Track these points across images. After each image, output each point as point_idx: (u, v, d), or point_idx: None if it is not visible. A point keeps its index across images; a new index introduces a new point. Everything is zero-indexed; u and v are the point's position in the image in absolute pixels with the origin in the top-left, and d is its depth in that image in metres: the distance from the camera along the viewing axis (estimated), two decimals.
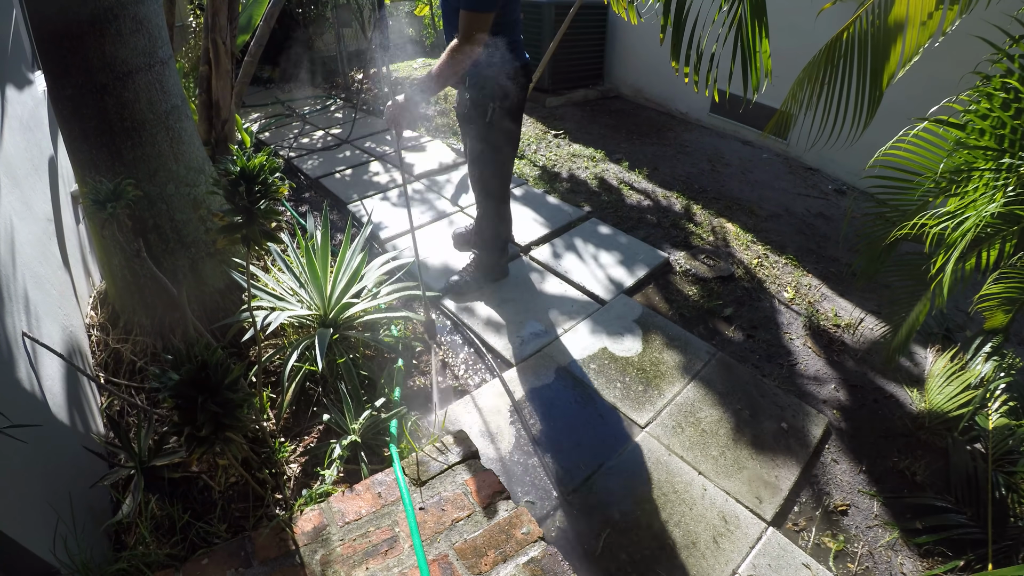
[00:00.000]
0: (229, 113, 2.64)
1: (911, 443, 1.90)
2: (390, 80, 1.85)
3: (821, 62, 1.86)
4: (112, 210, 1.40)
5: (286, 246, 2.16)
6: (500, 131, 2.03)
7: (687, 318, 2.42)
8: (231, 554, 1.40)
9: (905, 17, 1.67)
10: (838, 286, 2.69)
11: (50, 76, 1.69)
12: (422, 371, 2.11)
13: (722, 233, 3.06)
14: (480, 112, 1.98)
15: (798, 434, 1.89)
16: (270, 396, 1.86)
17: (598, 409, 1.95)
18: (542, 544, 1.46)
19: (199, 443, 1.20)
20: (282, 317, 1.84)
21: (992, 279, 1.67)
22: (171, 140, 1.86)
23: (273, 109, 4.91)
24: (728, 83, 2.02)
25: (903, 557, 1.57)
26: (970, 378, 1.85)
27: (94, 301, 2.16)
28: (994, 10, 1.61)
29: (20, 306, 1.40)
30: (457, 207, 3.22)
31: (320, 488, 1.57)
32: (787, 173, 3.83)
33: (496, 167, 2.18)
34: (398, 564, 1.39)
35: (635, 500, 1.66)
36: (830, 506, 1.70)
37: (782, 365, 2.21)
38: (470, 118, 2.05)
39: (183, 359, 1.18)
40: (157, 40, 1.78)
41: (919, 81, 2.56)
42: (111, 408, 1.84)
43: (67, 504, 1.27)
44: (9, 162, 1.65)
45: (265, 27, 2.79)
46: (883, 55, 1.74)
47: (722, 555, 1.53)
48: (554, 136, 4.33)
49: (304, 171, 3.69)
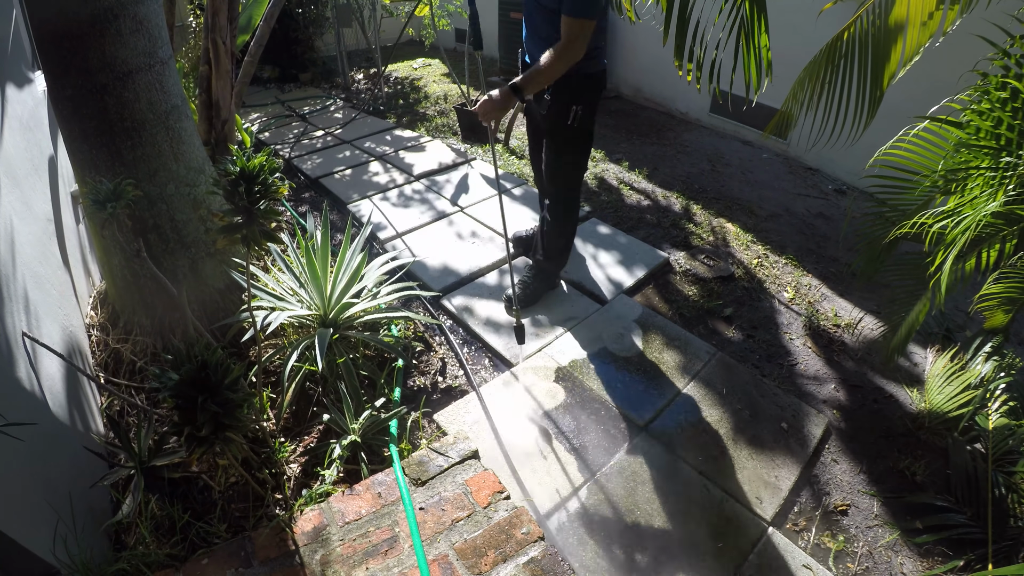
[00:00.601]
0: (229, 113, 2.64)
1: (911, 443, 1.90)
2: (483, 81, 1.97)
3: (822, 62, 1.86)
4: (112, 210, 1.40)
5: (286, 246, 2.16)
6: (582, 133, 2.06)
7: (687, 318, 2.42)
8: (231, 554, 1.40)
9: (906, 17, 1.67)
10: (838, 286, 2.69)
11: (50, 76, 1.69)
12: (422, 371, 2.11)
13: (722, 233, 3.06)
14: (562, 115, 1.99)
15: (798, 434, 1.89)
16: (270, 396, 1.86)
17: (598, 409, 1.95)
18: (542, 544, 1.46)
19: (199, 443, 1.21)
20: (282, 317, 1.84)
21: (992, 279, 1.67)
22: (171, 140, 1.86)
23: (273, 109, 4.92)
24: (730, 84, 2.02)
25: (903, 557, 1.57)
26: (970, 378, 1.85)
27: (94, 301, 2.16)
28: (994, 9, 1.61)
29: (20, 306, 1.40)
30: (457, 207, 3.22)
31: (320, 488, 1.57)
32: (787, 173, 3.83)
33: (577, 170, 2.19)
34: (398, 564, 1.39)
35: (635, 501, 1.66)
36: (830, 506, 1.70)
37: (782, 365, 2.21)
38: (550, 121, 2.05)
39: (183, 359, 1.19)
40: (157, 40, 1.78)
41: (919, 82, 2.56)
42: (111, 408, 1.84)
43: (67, 504, 1.27)
44: (9, 162, 1.65)
45: (265, 27, 2.79)
46: (884, 55, 1.74)
47: (722, 555, 1.53)
48: None
49: (304, 171, 3.70)
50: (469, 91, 4.47)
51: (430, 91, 5.42)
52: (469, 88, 4.52)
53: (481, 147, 4.11)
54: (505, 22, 5.03)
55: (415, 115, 4.80)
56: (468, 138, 4.28)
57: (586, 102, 1.99)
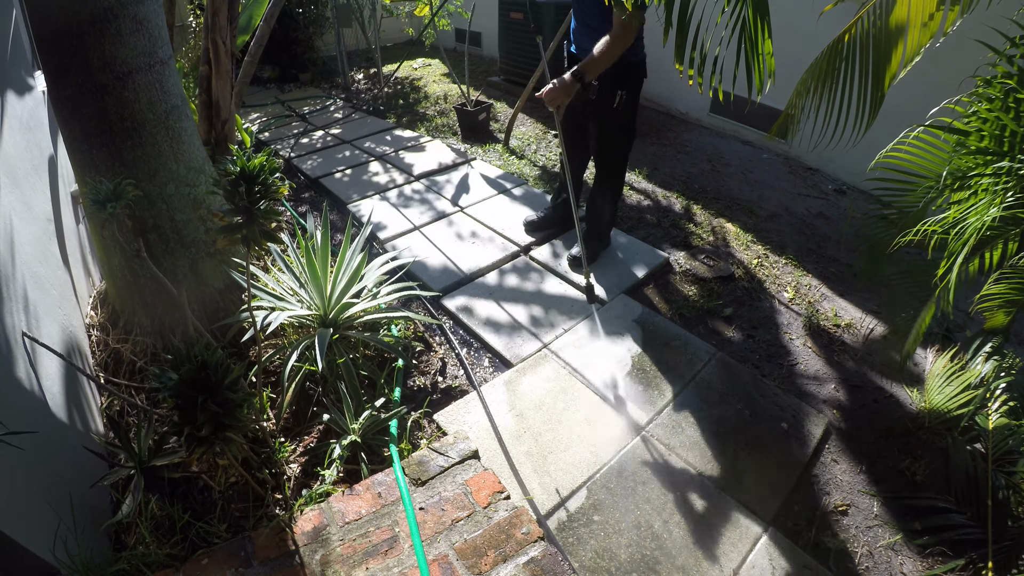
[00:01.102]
0: (229, 113, 2.64)
1: (911, 443, 1.90)
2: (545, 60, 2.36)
3: (823, 64, 1.86)
4: (112, 210, 1.40)
5: (286, 246, 2.16)
6: (627, 115, 2.34)
7: (687, 318, 2.42)
8: (231, 554, 1.40)
9: (906, 18, 1.67)
10: (838, 286, 2.69)
11: (50, 76, 1.69)
12: (422, 371, 2.11)
13: (722, 233, 3.06)
14: (608, 99, 2.25)
15: (798, 434, 1.89)
16: (270, 396, 1.86)
17: (597, 409, 1.95)
18: (542, 544, 1.46)
19: (199, 443, 1.21)
20: (282, 317, 1.83)
21: (992, 279, 1.67)
22: (171, 140, 1.86)
23: (273, 109, 4.92)
24: (732, 84, 2.02)
25: (903, 557, 1.57)
26: (970, 378, 1.85)
27: (94, 301, 2.16)
28: (994, 11, 1.61)
29: (20, 306, 1.39)
30: (457, 207, 3.22)
31: (320, 488, 1.57)
32: (787, 173, 3.83)
33: (624, 149, 2.49)
34: (398, 564, 1.39)
35: (634, 500, 1.66)
36: (830, 506, 1.70)
37: (782, 365, 2.21)
38: (598, 105, 2.29)
39: (183, 359, 1.19)
40: (157, 40, 1.78)
41: (920, 82, 2.56)
42: (111, 408, 1.84)
43: (67, 504, 1.27)
44: (9, 162, 1.65)
45: (265, 27, 2.79)
46: (884, 56, 1.74)
47: (722, 555, 1.53)
48: (554, 136, 4.33)
49: (304, 171, 3.69)
50: (469, 91, 4.47)
51: (430, 91, 5.42)
52: (469, 88, 4.51)
53: (481, 147, 4.11)
54: (505, 22, 5.03)
55: (415, 115, 4.80)
56: (468, 138, 4.28)
57: (630, 88, 2.26)
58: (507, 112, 4.78)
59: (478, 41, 6.69)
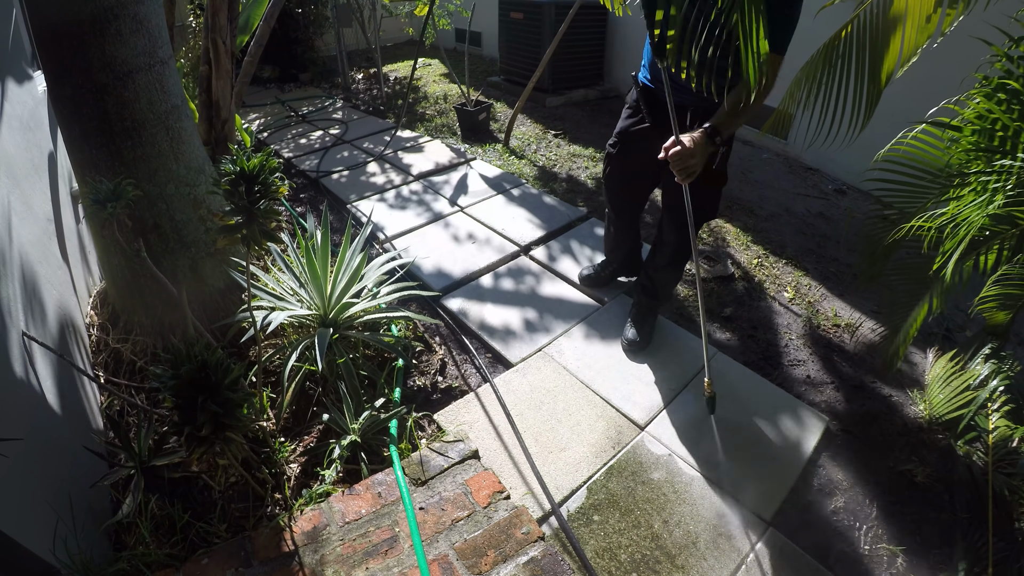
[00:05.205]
0: (229, 113, 2.65)
1: (911, 443, 1.90)
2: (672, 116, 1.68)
3: (819, 61, 1.86)
4: (112, 210, 1.40)
5: (286, 246, 2.16)
6: (720, 177, 1.92)
7: (687, 318, 2.42)
8: (231, 554, 1.40)
9: (904, 16, 1.67)
10: (838, 286, 2.69)
11: (50, 76, 1.69)
12: (422, 371, 2.11)
13: (721, 233, 3.06)
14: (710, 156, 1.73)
15: (798, 434, 1.89)
16: (270, 396, 1.86)
17: (597, 409, 1.95)
18: (542, 544, 1.46)
19: (199, 443, 1.21)
20: (282, 317, 1.84)
21: (992, 280, 1.67)
22: (171, 140, 1.86)
23: (273, 109, 4.92)
24: None
25: (903, 559, 1.57)
26: (970, 379, 1.85)
27: (94, 301, 2.16)
28: (993, 10, 1.61)
29: (20, 306, 1.40)
30: (457, 207, 3.22)
31: (320, 488, 1.57)
32: (787, 173, 3.83)
33: (703, 215, 1.98)
34: (398, 564, 1.39)
35: (634, 500, 1.66)
36: (830, 507, 1.70)
37: (782, 365, 2.21)
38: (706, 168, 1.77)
39: (183, 359, 1.19)
40: (157, 40, 1.78)
41: (920, 83, 2.56)
42: (111, 408, 1.84)
43: (67, 504, 1.27)
44: (9, 162, 1.65)
45: (265, 27, 2.79)
46: (882, 54, 1.74)
47: (722, 555, 1.53)
48: (553, 136, 4.33)
49: (304, 171, 3.70)
50: (469, 91, 4.47)
51: (430, 91, 5.42)
52: (469, 88, 4.52)
53: (481, 147, 4.11)
54: (505, 22, 5.03)
55: (415, 115, 4.80)
56: (468, 138, 4.28)
57: (730, 143, 1.78)
58: (507, 112, 4.78)
59: (478, 41, 6.70)
